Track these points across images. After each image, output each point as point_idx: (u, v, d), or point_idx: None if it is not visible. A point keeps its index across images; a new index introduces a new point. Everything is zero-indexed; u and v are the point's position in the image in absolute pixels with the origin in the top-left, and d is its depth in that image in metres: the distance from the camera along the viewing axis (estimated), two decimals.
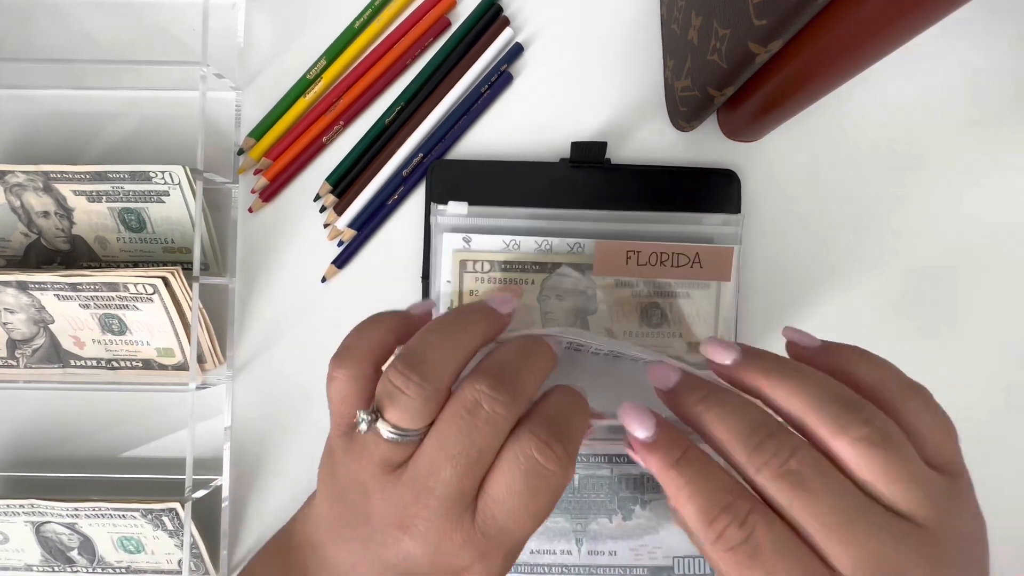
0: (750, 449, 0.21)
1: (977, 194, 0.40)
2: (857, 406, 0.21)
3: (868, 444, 0.20)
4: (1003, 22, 0.40)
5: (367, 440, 0.23)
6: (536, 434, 0.22)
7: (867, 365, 0.23)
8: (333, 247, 0.41)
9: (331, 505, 0.25)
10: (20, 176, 0.37)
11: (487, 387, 0.22)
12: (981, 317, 0.39)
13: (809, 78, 0.29)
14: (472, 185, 0.39)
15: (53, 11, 0.41)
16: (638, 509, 0.37)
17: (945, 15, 0.24)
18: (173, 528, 0.37)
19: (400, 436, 0.23)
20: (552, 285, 0.37)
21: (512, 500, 0.22)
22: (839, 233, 0.40)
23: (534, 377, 0.24)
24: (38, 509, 0.37)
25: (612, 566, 0.36)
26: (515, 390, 0.23)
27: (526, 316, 0.37)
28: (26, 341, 0.38)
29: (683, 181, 0.39)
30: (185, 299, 0.36)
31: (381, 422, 0.23)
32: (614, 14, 0.41)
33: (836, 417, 0.20)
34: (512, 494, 0.22)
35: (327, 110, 0.40)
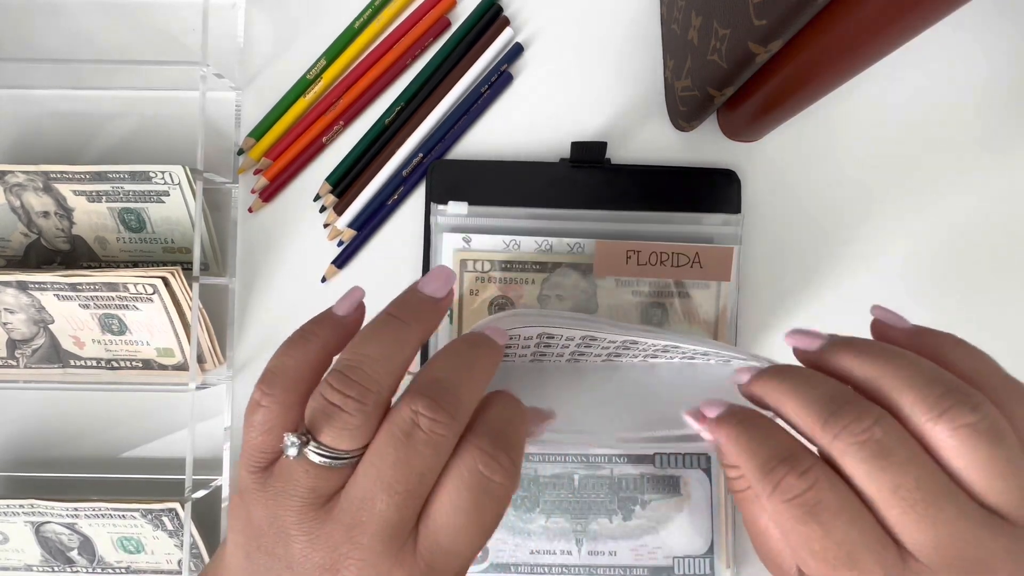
0: (827, 415, 0.19)
1: (978, 194, 0.40)
2: (964, 391, 0.19)
3: (973, 432, 0.18)
4: (1003, 22, 0.40)
5: (291, 471, 0.21)
6: (481, 448, 0.21)
7: (964, 353, 0.21)
8: (333, 247, 0.41)
9: (246, 552, 0.21)
10: (20, 176, 0.37)
11: (424, 407, 0.21)
12: (981, 317, 0.39)
13: (809, 78, 0.29)
14: (472, 185, 0.39)
15: (53, 11, 0.41)
16: (638, 509, 0.37)
17: (945, 15, 0.24)
18: (173, 528, 0.37)
19: (333, 460, 0.20)
20: (552, 285, 0.37)
21: (458, 519, 0.21)
22: (839, 233, 0.40)
23: (477, 386, 0.23)
24: (38, 509, 0.37)
25: (612, 566, 0.36)
26: (455, 406, 0.21)
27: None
28: (26, 341, 0.38)
29: (683, 181, 0.39)
30: (185, 299, 0.36)
31: (312, 445, 0.20)
32: (614, 14, 0.41)
33: (940, 399, 0.18)
34: (458, 512, 0.21)
35: (327, 110, 0.40)
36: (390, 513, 0.20)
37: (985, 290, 0.39)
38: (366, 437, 0.21)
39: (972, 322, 0.39)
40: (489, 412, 0.23)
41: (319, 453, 0.20)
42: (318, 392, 0.21)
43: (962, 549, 0.17)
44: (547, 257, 0.36)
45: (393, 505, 0.20)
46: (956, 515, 0.18)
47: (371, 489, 0.20)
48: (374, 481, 0.20)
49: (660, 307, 0.37)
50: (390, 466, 0.20)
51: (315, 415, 0.21)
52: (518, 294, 0.37)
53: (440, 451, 0.21)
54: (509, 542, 0.37)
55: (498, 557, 0.36)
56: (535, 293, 0.37)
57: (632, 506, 0.37)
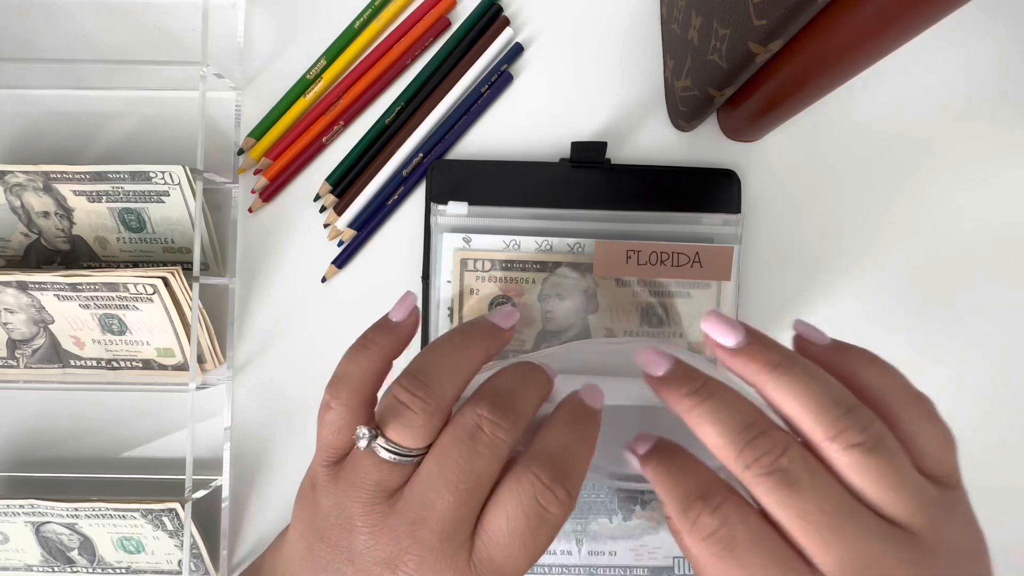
0: (741, 445, 0.20)
1: (978, 194, 0.40)
2: (856, 412, 0.20)
3: (862, 451, 0.19)
4: (1003, 22, 0.40)
5: (360, 464, 0.22)
6: (539, 477, 0.22)
7: (875, 370, 0.22)
8: (333, 247, 0.41)
9: (309, 543, 0.23)
10: (20, 176, 0.37)
11: (488, 411, 0.22)
12: (982, 317, 0.39)
13: (809, 78, 0.29)
14: (472, 185, 0.39)
15: (53, 11, 0.41)
16: (638, 509, 0.37)
17: (945, 15, 0.24)
18: (173, 528, 0.37)
19: (399, 457, 0.22)
20: (553, 285, 0.37)
21: (512, 542, 0.21)
22: (839, 233, 0.40)
23: (532, 401, 0.24)
24: (38, 509, 0.37)
25: (612, 566, 0.36)
26: (515, 415, 0.23)
27: (527, 315, 0.37)
28: (26, 341, 0.38)
29: (683, 181, 0.39)
30: (185, 299, 0.36)
31: (381, 439, 0.22)
32: (614, 14, 0.41)
33: (834, 422, 0.20)
34: (512, 536, 0.21)
35: (327, 110, 0.40)
36: (451, 511, 0.21)
37: (985, 290, 0.39)
38: (429, 437, 0.22)
39: (972, 322, 0.39)
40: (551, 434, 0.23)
41: (386, 448, 0.22)
42: (389, 391, 0.23)
43: (866, 565, 0.19)
44: (547, 257, 0.36)
45: (454, 503, 0.21)
46: (857, 533, 0.19)
47: (434, 486, 0.21)
48: (437, 478, 0.21)
49: (659, 307, 0.37)
50: (453, 464, 0.21)
51: (385, 412, 0.23)
52: (518, 294, 0.37)
53: (499, 455, 0.22)
54: None
55: None
56: (535, 293, 0.37)
57: (632, 506, 0.37)
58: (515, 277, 0.36)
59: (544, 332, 0.36)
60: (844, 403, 0.20)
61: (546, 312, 0.37)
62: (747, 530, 0.20)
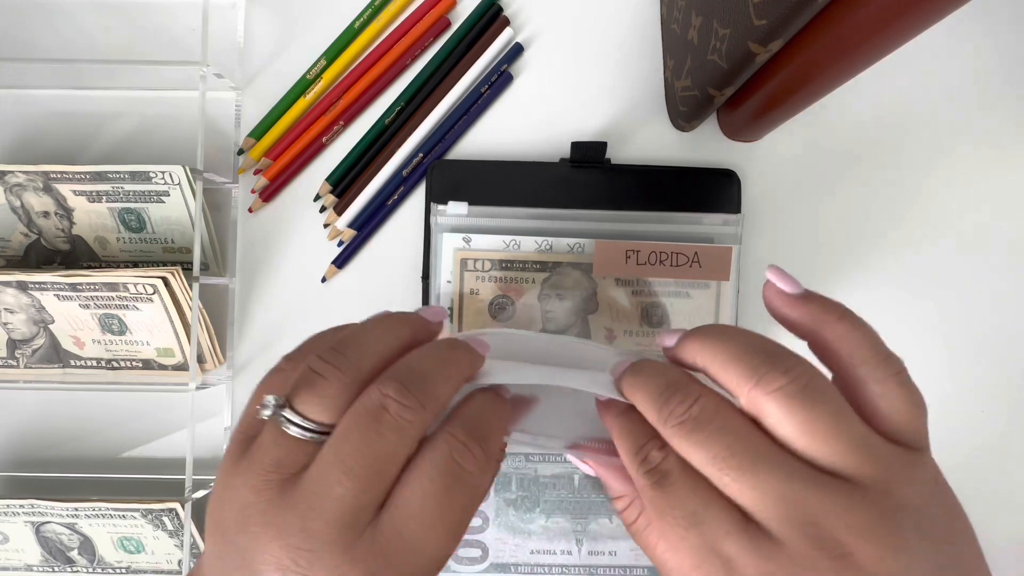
0: (660, 403, 0.20)
1: (980, 194, 0.40)
2: (778, 357, 0.19)
3: (784, 396, 0.18)
4: (1005, 20, 0.40)
5: (262, 441, 0.20)
6: (455, 436, 0.21)
7: (843, 325, 0.21)
8: (333, 247, 0.41)
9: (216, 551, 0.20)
10: (20, 176, 0.37)
11: (394, 391, 0.20)
12: (982, 316, 0.39)
13: (809, 78, 0.29)
14: (472, 185, 0.39)
15: (53, 11, 0.41)
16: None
17: (945, 15, 0.24)
18: (173, 528, 0.37)
19: (303, 431, 0.20)
20: (553, 284, 0.37)
21: (426, 507, 0.20)
22: (839, 233, 0.40)
23: (449, 382, 0.22)
24: (38, 509, 0.37)
25: (612, 566, 0.36)
26: (425, 394, 0.21)
27: (528, 315, 0.37)
28: (26, 341, 0.38)
29: (683, 181, 0.39)
30: (185, 299, 0.36)
31: (287, 411, 0.20)
32: (614, 14, 0.41)
33: (754, 368, 0.19)
34: (426, 499, 0.20)
35: (327, 110, 0.40)
36: (347, 498, 0.19)
37: (985, 289, 0.39)
38: (339, 412, 0.20)
39: (973, 321, 0.39)
40: (467, 406, 0.23)
41: (289, 419, 0.20)
42: (307, 361, 0.21)
43: (790, 509, 0.18)
44: (547, 257, 0.36)
45: (352, 489, 0.19)
46: (777, 477, 0.18)
47: (330, 470, 0.19)
48: (333, 463, 0.19)
49: (659, 307, 0.37)
50: (352, 447, 0.19)
51: (296, 382, 0.21)
52: (518, 294, 0.37)
53: (405, 437, 0.20)
54: (509, 542, 0.37)
55: (498, 557, 0.36)
56: (535, 293, 0.37)
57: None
58: (515, 277, 0.36)
59: (544, 332, 0.37)
60: (766, 351, 0.20)
61: (546, 312, 0.37)
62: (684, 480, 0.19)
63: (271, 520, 0.19)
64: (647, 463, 0.20)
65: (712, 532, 0.18)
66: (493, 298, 0.37)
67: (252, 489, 0.20)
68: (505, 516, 0.36)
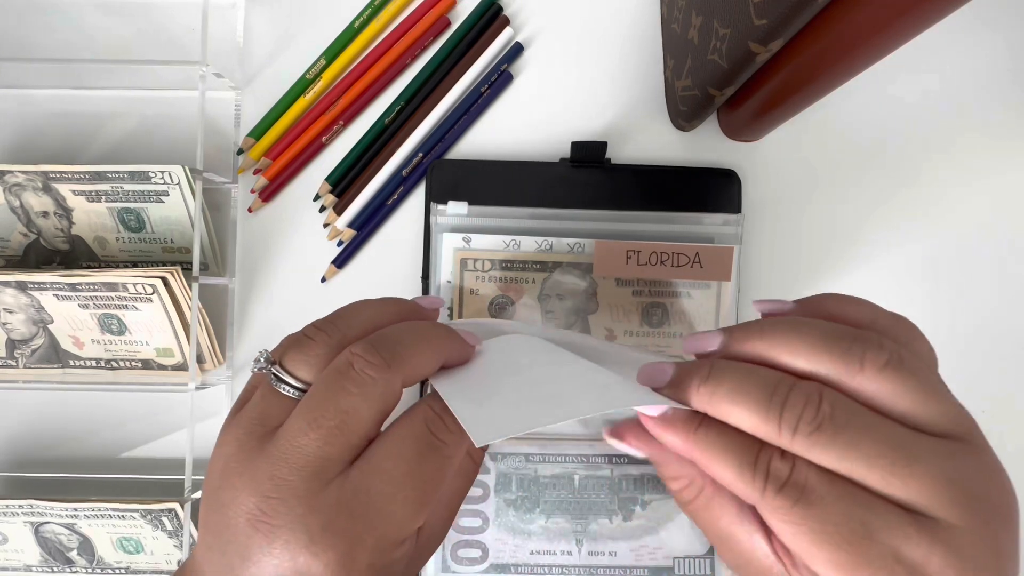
0: (778, 410, 0.18)
1: (981, 193, 0.40)
2: (864, 336, 0.19)
3: (893, 369, 0.18)
4: (1007, 18, 0.40)
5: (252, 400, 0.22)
6: (431, 406, 0.21)
7: (850, 305, 0.21)
8: (333, 247, 0.41)
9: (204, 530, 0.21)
10: (19, 176, 0.37)
11: (361, 349, 0.21)
12: (984, 315, 0.39)
13: (809, 78, 0.29)
14: (472, 185, 0.39)
15: (52, 11, 0.41)
16: (638, 509, 0.37)
17: (945, 15, 0.24)
18: (172, 528, 0.37)
19: (286, 387, 0.21)
20: (553, 284, 0.37)
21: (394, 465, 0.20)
22: (839, 233, 0.40)
23: (422, 354, 0.22)
24: (37, 509, 0.37)
25: (612, 567, 0.36)
26: (392, 356, 0.21)
27: (528, 315, 0.37)
28: (25, 341, 0.38)
29: (683, 181, 0.39)
30: (184, 299, 0.36)
31: (276, 367, 0.22)
32: (614, 14, 0.41)
33: (849, 352, 0.18)
34: (394, 458, 0.20)
35: (327, 110, 0.40)
36: (311, 448, 0.20)
37: (986, 289, 0.39)
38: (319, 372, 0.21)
39: (972, 320, 0.39)
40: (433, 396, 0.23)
41: (277, 375, 0.21)
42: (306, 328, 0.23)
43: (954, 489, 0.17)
44: (547, 257, 0.36)
45: (316, 441, 0.20)
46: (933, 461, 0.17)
47: (298, 422, 0.20)
48: (302, 414, 0.20)
49: (660, 307, 0.37)
50: (318, 399, 0.20)
51: (287, 343, 0.22)
52: (518, 294, 0.37)
53: (368, 394, 0.20)
54: (509, 542, 0.37)
55: (498, 557, 0.36)
56: (535, 293, 0.37)
57: (632, 506, 0.37)
58: (515, 277, 0.36)
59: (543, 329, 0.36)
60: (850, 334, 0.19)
61: (546, 312, 0.37)
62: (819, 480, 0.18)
63: (246, 469, 0.20)
64: (775, 480, 0.18)
65: (890, 539, 0.17)
66: (493, 298, 0.37)
67: (236, 441, 0.21)
68: (505, 516, 0.36)
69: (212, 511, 0.21)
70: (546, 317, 0.37)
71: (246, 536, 0.19)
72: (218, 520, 0.20)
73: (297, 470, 0.19)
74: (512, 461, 0.37)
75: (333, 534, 0.19)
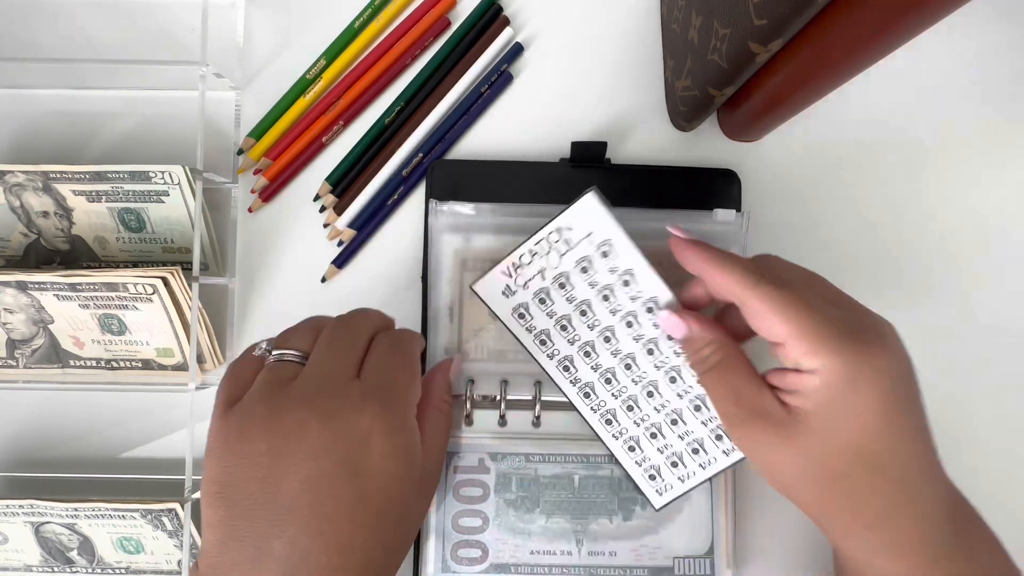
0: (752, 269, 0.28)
1: (979, 192, 0.40)
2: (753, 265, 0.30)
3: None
4: (1008, 18, 0.40)
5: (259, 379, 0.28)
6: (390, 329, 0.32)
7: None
8: (333, 247, 0.41)
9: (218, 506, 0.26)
10: (20, 176, 0.37)
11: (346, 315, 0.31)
12: (983, 315, 0.39)
13: (809, 78, 0.29)
14: (472, 185, 0.39)
15: (53, 11, 0.41)
16: (638, 509, 0.37)
17: (945, 15, 0.24)
18: (173, 528, 0.37)
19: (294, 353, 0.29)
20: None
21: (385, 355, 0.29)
22: (839, 233, 0.40)
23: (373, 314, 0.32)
24: (37, 509, 0.37)
25: (612, 566, 0.36)
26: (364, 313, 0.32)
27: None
28: (25, 341, 0.38)
29: (683, 181, 0.39)
30: (185, 299, 0.36)
31: (276, 350, 0.29)
32: (614, 14, 0.41)
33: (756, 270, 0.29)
34: (383, 352, 0.29)
35: (327, 110, 0.40)
36: (338, 362, 0.28)
37: (986, 289, 0.39)
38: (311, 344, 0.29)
39: (973, 320, 0.39)
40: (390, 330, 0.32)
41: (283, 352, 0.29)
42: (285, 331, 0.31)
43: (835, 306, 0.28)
44: None
45: (340, 356, 0.28)
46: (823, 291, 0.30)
47: (323, 354, 0.28)
48: (324, 349, 0.29)
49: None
50: (332, 337, 0.29)
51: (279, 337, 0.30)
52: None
53: (360, 330, 0.30)
54: (509, 542, 0.37)
55: (498, 557, 0.36)
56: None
57: (632, 506, 0.37)
58: None
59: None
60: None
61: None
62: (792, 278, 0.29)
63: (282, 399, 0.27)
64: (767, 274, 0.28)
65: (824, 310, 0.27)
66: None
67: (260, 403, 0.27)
68: (505, 516, 0.36)
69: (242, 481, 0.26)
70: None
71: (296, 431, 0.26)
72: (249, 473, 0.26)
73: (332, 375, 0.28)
74: (512, 461, 0.37)
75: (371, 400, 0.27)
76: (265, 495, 0.25)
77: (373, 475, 0.26)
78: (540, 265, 0.33)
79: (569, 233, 0.32)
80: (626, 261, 0.32)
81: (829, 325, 0.26)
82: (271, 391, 0.27)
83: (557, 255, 0.32)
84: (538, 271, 0.33)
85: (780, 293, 0.27)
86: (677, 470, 0.34)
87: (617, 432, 0.35)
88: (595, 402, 0.35)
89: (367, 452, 0.26)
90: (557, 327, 0.34)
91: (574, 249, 0.32)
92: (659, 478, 0.34)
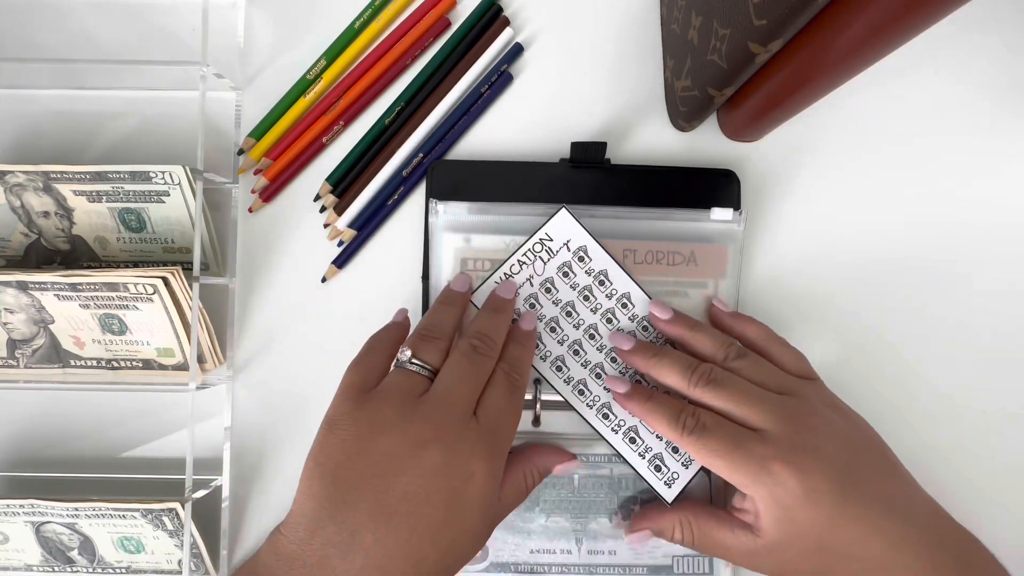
0: (688, 375, 0.32)
1: (979, 192, 0.40)
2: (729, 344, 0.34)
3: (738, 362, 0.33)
4: (1008, 17, 0.40)
5: (394, 380, 0.30)
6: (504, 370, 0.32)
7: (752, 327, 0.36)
8: (333, 247, 0.41)
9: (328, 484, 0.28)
10: (20, 176, 0.37)
11: (478, 340, 0.32)
12: (983, 314, 0.39)
13: (809, 78, 0.29)
14: (472, 185, 0.39)
15: (53, 11, 0.41)
16: (638, 508, 0.37)
17: (945, 15, 0.24)
18: (173, 528, 0.37)
19: (424, 368, 0.31)
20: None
21: (501, 398, 0.31)
22: (839, 232, 0.40)
23: (502, 332, 0.33)
24: (38, 509, 0.37)
25: (612, 565, 0.36)
26: (493, 342, 0.32)
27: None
28: (26, 341, 0.38)
29: (683, 181, 0.39)
30: (185, 299, 0.36)
31: (413, 360, 0.31)
32: (614, 14, 0.41)
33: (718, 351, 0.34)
34: (500, 395, 0.31)
35: (327, 110, 0.40)
36: (465, 394, 0.30)
37: (986, 288, 0.39)
38: (442, 358, 0.32)
39: (974, 320, 0.39)
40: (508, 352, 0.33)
41: (416, 363, 0.31)
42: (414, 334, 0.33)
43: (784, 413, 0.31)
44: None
45: (467, 390, 0.30)
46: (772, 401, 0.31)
47: (453, 381, 0.30)
48: (455, 375, 0.31)
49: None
50: (464, 367, 0.31)
51: (414, 344, 0.32)
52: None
53: (487, 363, 0.32)
54: (509, 542, 0.37)
55: (498, 556, 0.36)
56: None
57: (632, 505, 0.37)
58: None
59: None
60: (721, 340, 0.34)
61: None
62: (709, 420, 0.31)
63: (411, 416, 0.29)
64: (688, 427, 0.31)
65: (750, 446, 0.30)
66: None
67: (393, 404, 0.29)
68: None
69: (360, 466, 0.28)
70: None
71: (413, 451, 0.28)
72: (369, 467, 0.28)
73: (457, 406, 0.30)
74: None
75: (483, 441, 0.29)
76: (373, 491, 0.27)
77: (462, 508, 0.28)
78: (528, 273, 0.36)
79: (550, 243, 0.36)
80: (599, 263, 0.36)
81: (749, 463, 0.30)
82: (404, 401, 0.29)
83: (542, 263, 0.36)
84: (527, 278, 0.36)
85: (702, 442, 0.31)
86: (679, 455, 0.34)
87: (616, 425, 0.35)
88: (590, 398, 0.35)
89: (466, 488, 0.28)
90: (547, 329, 0.35)
91: (556, 256, 0.36)
92: (664, 467, 0.34)
